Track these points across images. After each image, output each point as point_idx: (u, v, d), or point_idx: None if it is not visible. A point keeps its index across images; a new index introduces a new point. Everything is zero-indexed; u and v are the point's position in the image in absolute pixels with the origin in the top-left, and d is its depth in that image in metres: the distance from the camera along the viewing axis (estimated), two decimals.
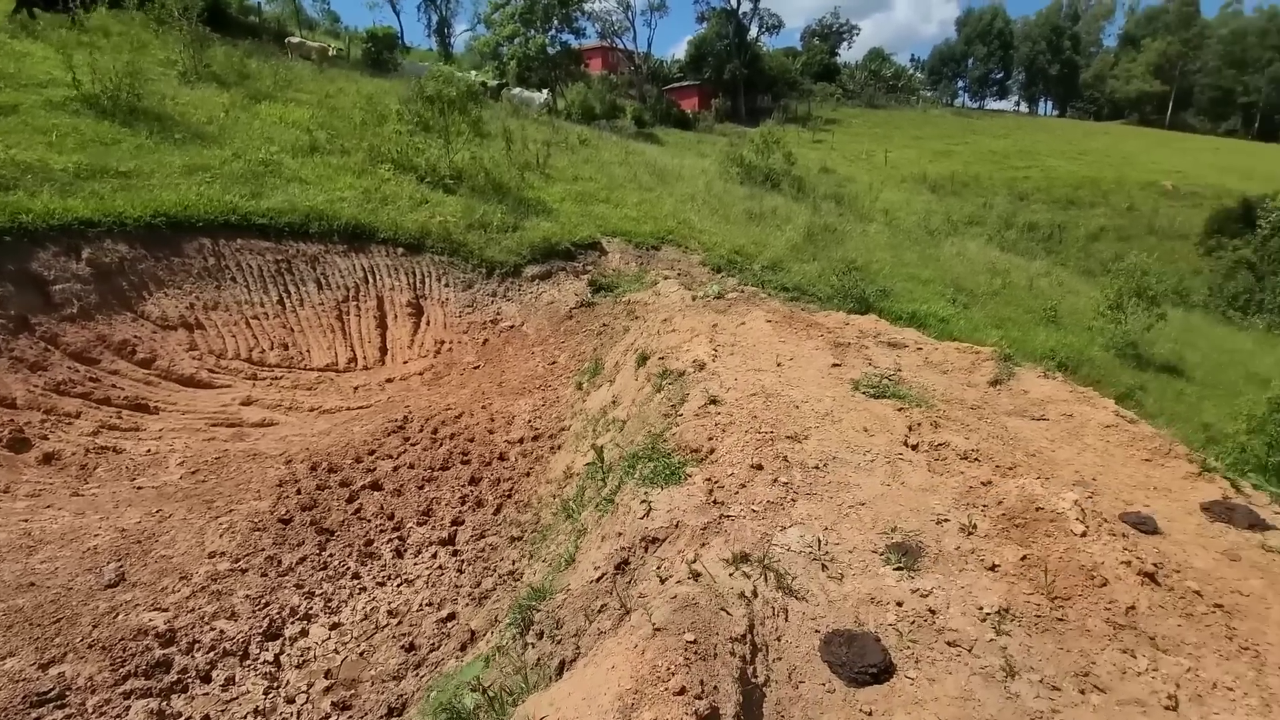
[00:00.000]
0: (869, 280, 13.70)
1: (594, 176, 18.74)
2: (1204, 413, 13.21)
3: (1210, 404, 13.90)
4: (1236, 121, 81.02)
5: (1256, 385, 15.16)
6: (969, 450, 3.63)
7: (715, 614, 2.21)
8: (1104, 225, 34.37)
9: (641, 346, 7.86)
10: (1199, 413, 13.26)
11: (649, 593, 2.63)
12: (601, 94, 38.37)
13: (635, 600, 2.64)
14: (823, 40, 75.23)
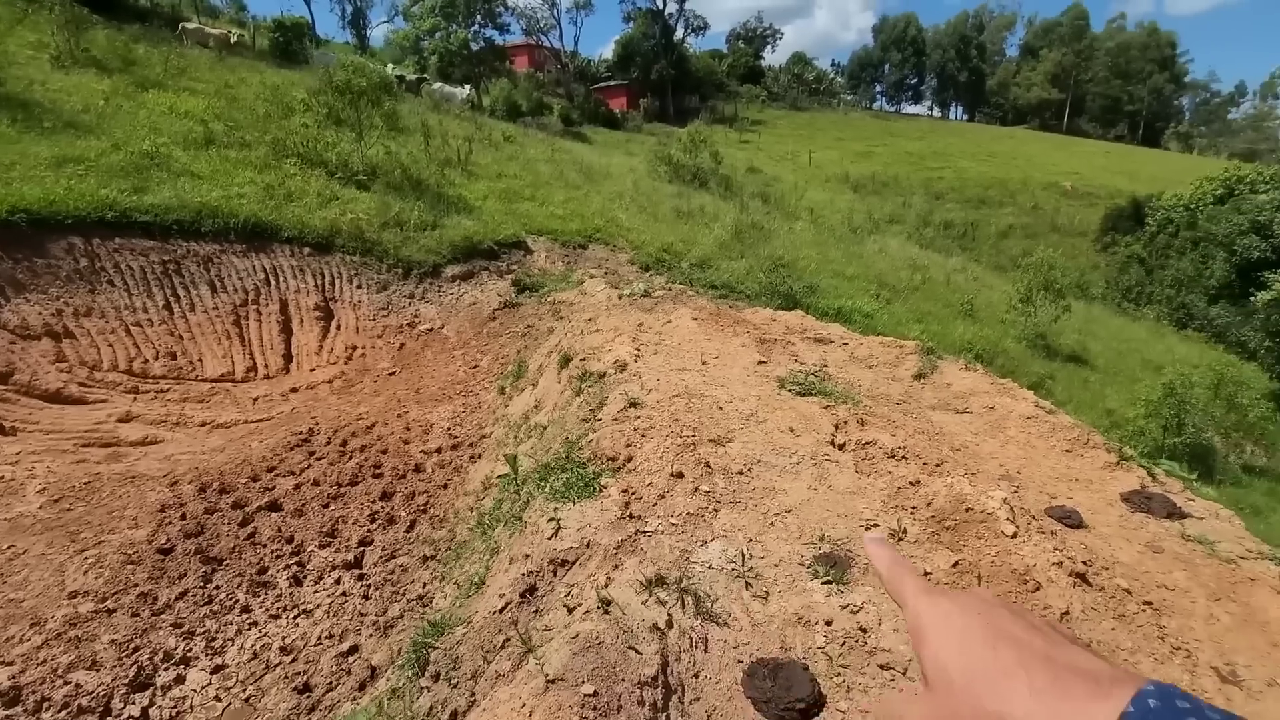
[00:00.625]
0: (796, 277, 13.80)
1: (519, 174, 18.23)
2: (1107, 399, 13.96)
3: (1112, 390, 14.72)
4: (1124, 128, 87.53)
5: (1151, 372, 16.21)
6: (896, 448, 3.49)
7: (622, 655, 1.92)
8: (1012, 223, 36.26)
9: (565, 347, 7.53)
10: (1102, 399, 14.01)
11: (555, 625, 2.33)
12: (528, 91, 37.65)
13: (540, 634, 2.32)
14: (747, 43, 76.60)
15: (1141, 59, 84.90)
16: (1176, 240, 25.39)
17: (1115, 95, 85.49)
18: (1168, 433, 11.60)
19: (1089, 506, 3.32)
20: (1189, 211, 25.99)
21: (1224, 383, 12.70)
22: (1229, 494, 11.21)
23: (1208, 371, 12.88)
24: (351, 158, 13.77)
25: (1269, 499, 11.69)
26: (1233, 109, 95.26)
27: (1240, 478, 12.48)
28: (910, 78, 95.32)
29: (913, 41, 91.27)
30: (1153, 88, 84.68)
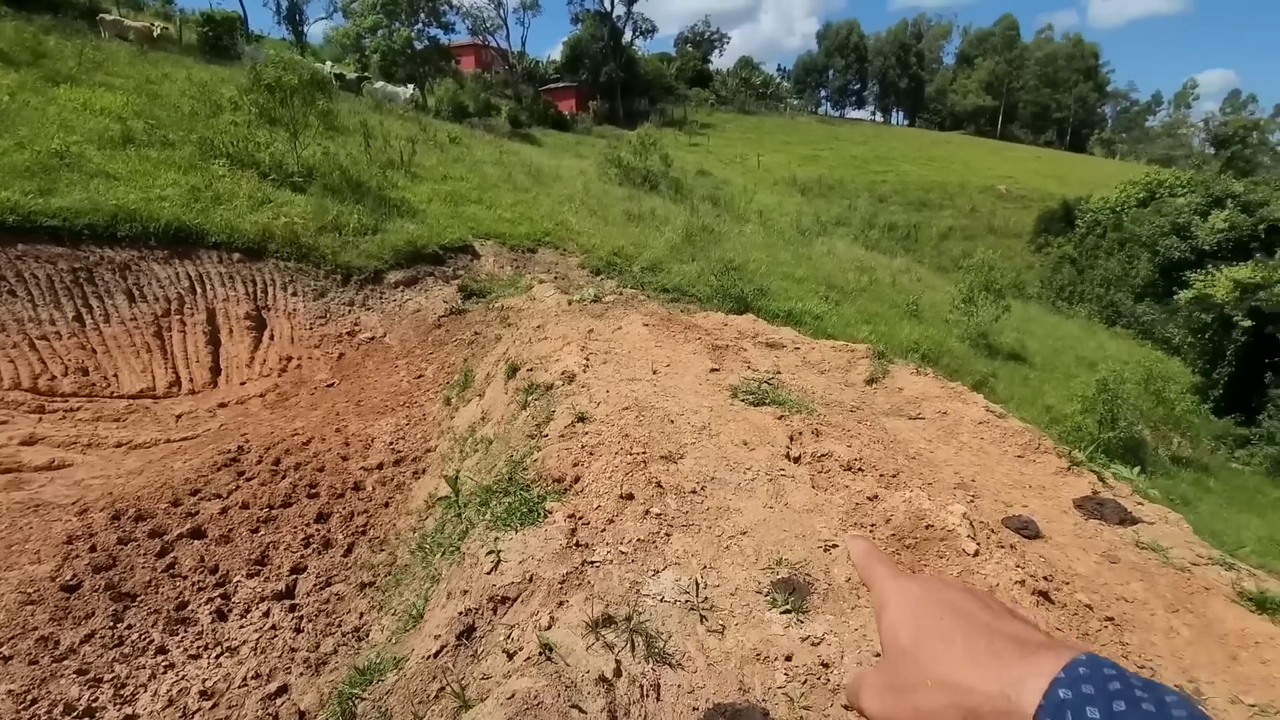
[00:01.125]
0: (747, 280, 13.81)
1: (465, 176, 17.78)
2: (1045, 395, 14.43)
3: (1049, 387, 15.24)
4: (1053, 134, 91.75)
5: (1085, 368, 16.86)
6: (852, 460, 3.38)
7: (564, 717, 1.72)
8: (952, 225, 37.45)
9: (513, 356, 7.27)
10: (1041, 396, 14.47)
11: (494, 672, 2.11)
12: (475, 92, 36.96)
13: (477, 684, 2.11)
14: (695, 47, 77.22)
15: (1068, 68, 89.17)
16: (1104, 241, 26.61)
17: (1044, 103, 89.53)
18: (1103, 427, 12.04)
19: (1044, 514, 3.28)
20: (1115, 214, 27.28)
21: (1152, 378, 13.27)
22: (1161, 485, 11.69)
23: (1137, 367, 13.44)
24: (286, 158, 13.15)
25: (1195, 489, 12.25)
26: (1150, 117, 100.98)
27: (1169, 469, 13.06)
28: (854, 83, 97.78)
29: (855, 48, 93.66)
30: (1078, 96, 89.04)
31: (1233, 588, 2.70)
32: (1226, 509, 11.39)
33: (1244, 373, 15.99)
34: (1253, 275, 15.78)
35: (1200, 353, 17.43)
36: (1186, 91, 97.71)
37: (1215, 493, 12.45)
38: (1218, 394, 16.25)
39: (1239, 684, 2.18)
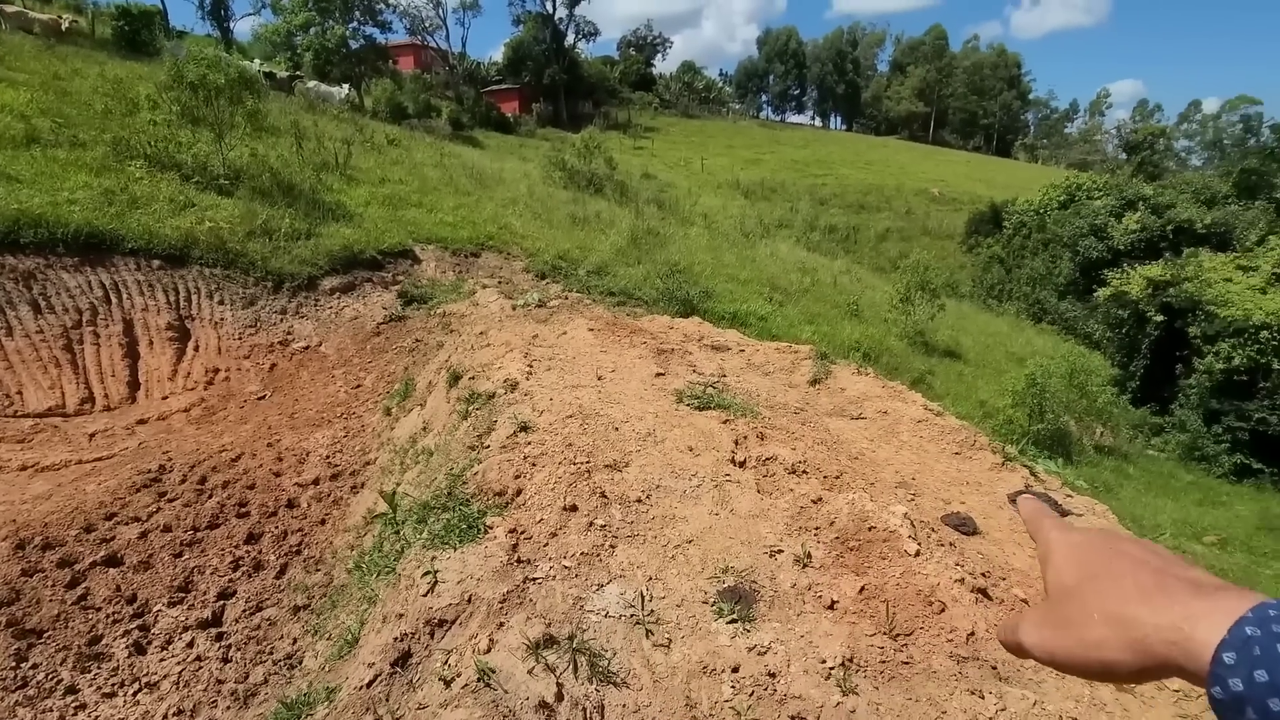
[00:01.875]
0: (692, 282, 13.89)
1: (405, 179, 17.32)
2: (979, 390, 15.00)
3: (983, 382, 15.85)
4: (980, 139, 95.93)
5: (1014, 363, 17.62)
6: (796, 463, 3.39)
7: None
8: (889, 227, 38.67)
9: (455, 364, 7.08)
10: (975, 390, 15.04)
11: (430, 701, 2.01)
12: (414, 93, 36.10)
13: (413, 714, 1.99)
14: (639, 51, 77.57)
15: (993, 77, 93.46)
16: (1029, 242, 27.94)
17: (972, 110, 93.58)
18: (1033, 420, 12.58)
19: (981, 510, 3.35)
20: (1038, 216, 28.68)
21: (1076, 372, 13.97)
22: (1086, 473, 12.29)
23: (1062, 362, 14.12)
24: (211, 160, 12.52)
25: (1117, 476, 12.94)
26: (1068, 124, 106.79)
27: (1093, 457, 13.76)
28: (793, 89, 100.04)
29: (794, 54, 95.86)
30: (1003, 104, 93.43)
31: None
32: (1145, 494, 12.08)
33: (1157, 365, 17.02)
34: (1163, 273, 16.82)
35: (1118, 347, 18.46)
36: (1100, 100, 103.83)
37: (1135, 479, 13.18)
38: (1135, 385, 17.24)
39: None
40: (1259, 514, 11.18)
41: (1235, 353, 14.67)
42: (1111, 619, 0.47)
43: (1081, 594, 0.51)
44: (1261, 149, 18.83)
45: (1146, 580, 0.48)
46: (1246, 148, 20.82)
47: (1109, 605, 0.48)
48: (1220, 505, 12.18)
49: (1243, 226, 18.70)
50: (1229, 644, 0.40)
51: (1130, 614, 0.46)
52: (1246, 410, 14.59)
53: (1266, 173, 18.39)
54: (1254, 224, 18.41)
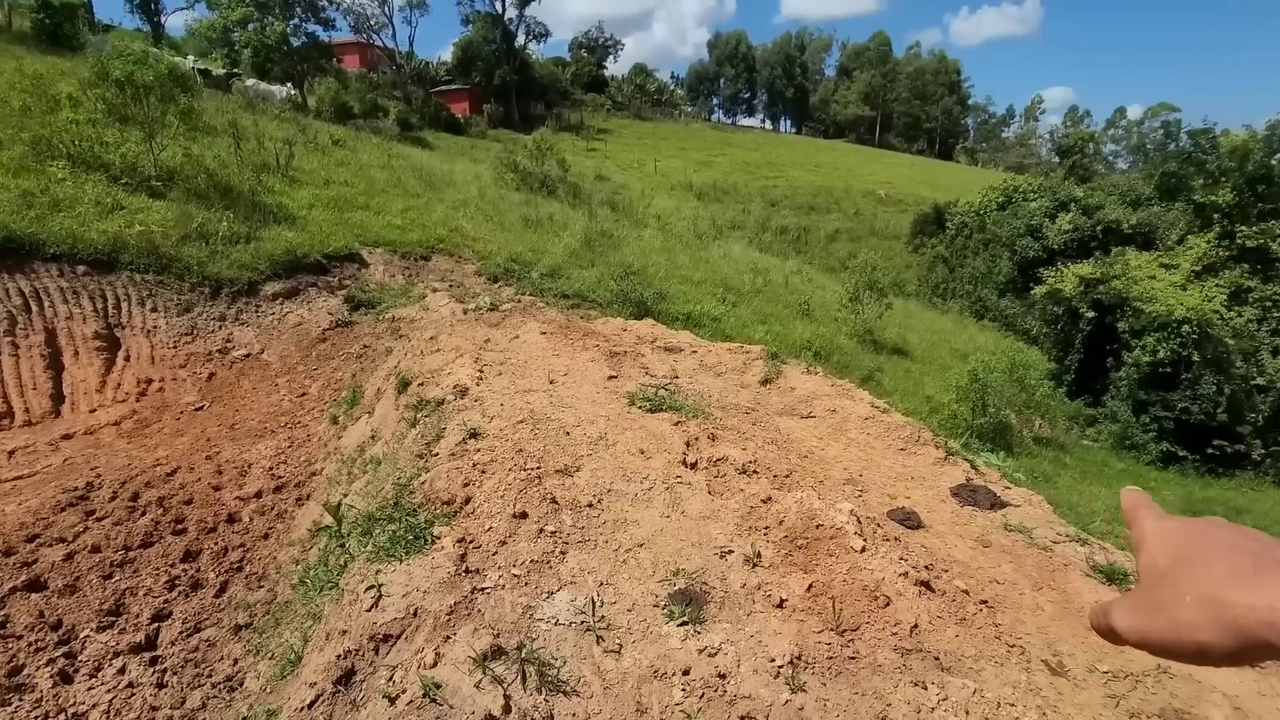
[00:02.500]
0: (646, 284, 13.93)
1: (351, 181, 16.87)
2: (925, 386, 15.47)
3: (929, 378, 16.35)
4: (924, 143, 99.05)
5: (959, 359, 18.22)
6: (747, 463, 3.42)
7: None
8: (838, 228, 39.54)
9: (404, 370, 6.93)
10: (922, 386, 15.50)
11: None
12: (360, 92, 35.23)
13: None
14: (590, 52, 77.47)
15: (934, 83, 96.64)
16: (971, 242, 28.97)
17: (916, 114, 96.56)
18: (975, 414, 13.03)
19: (925, 504, 3.45)
20: (978, 217, 29.77)
21: (1015, 367, 14.53)
22: (1026, 464, 12.80)
23: (1002, 357, 14.67)
24: (141, 161, 11.95)
25: (1054, 466, 13.51)
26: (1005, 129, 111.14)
27: (1033, 449, 14.34)
28: (744, 92, 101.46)
29: (744, 58, 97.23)
30: (944, 108, 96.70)
31: (1086, 562, 2.95)
32: (1081, 482, 12.64)
33: (1090, 359, 17.86)
34: (1094, 272, 17.67)
35: (1054, 341, 19.30)
36: (1034, 106, 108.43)
37: (1071, 468, 13.79)
38: (1070, 379, 18.05)
39: (1095, 652, 2.36)
40: (1183, 498, 11.85)
41: (1160, 346, 15.51)
42: (1204, 601, 0.47)
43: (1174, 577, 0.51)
44: (1180, 154, 19.96)
45: (1241, 562, 0.48)
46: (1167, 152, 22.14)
47: (1201, 587, 0.48)
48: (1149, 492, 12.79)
49: (1164, 227, 19.80)
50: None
51: (1223, 595, 0.46)
52: (1171, 400, 15.44)
53: (1185, 176, 19.51)
54: (1174, 224, 19.50)
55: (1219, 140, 18.10)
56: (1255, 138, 17.24)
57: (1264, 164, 16.40)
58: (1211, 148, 18.26)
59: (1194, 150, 19.16)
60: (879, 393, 14.96)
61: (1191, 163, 19.24)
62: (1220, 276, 16.51)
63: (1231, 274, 16.39)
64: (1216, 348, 15.26)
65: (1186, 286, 16.37)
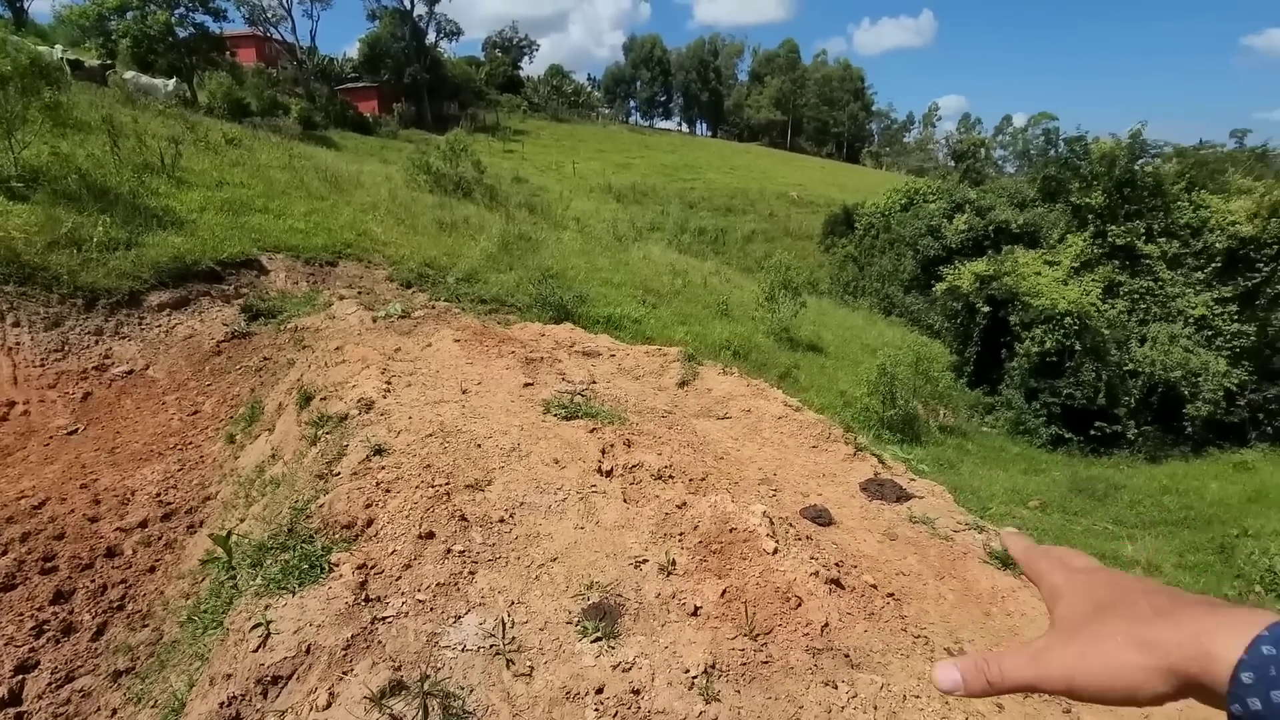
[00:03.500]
0: (566, 287, 13.80)
1: (247, 182, 15.83)
2: (839, 381, 16.07)
3: (842, 373, 17.00)
4: (832, 147, 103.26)
5: (869, 354, 19.05)
6: (662, 468, 3.40)
7: None
8: (754, 229, 40.59)
9: (307, 383, 6.54)
10: (836, 381, 16.10)
11: None
12: (258, 88, 33.24)
13: None
14: (505, 52, 76.27)
15: (840, 89, 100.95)
16: (878, 242, 30.38)
17: (824, 119, 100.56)
18: (885, 406, 13.64)
19: (836, 500, 3.53)
20: (884, 217, 31.26)
21: (920, 360, 15.32)
22: (932, 452, 13.52)
23: (908, 351, 15.44)
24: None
25: (958, 453, 14.33)
26: (906, 134, 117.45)
27: (938, 437, 15.16)
28: (660, 95, 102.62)
29: (659, 61, 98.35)
30: (850, 114, 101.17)
31: (984, 549, 3.09)
32: (981, 468, 13.46)
33: (987, 350, 19.08)
34: (987, 269, 18.89)
35: (954, 335, 20.50)
36: (931, 113, 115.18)
37: (973, 454, 14.67)
38: (969, 369, 19.22)
39: (993, 637, 2.47)
40: (1070, 478, 12.83)
41: (1046, 338, 16.75)
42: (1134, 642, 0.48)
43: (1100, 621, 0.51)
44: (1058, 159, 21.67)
45: (1161, 602, 0.49)
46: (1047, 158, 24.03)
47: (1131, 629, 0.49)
48: (1041, 473, 13.84)
49: (1047, 226, 21.40)
50: (1247, 663, 0.41)
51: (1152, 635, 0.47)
52: (1057, 387, 16.70)
53: (1063, 179, 21.17)
54: (1055, 224, 21.12)
55: (1090, 147, 19.74)
56: (1120, 145, 18.93)
57: (1128, 169, 18.07)
58: (1085, 154, 19.91)
59: (1070, 156, 20.83)
60: (795, 389, 15.43)
61: (1068, 168, 20.91)
62: (1095, 272, 18.02)
63: (1104, 270, 17.92)
64: (1094, 338, 16.64)
65: (1068, 282, 17.78)
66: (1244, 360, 16.35)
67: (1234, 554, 8.56)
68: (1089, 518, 10.73)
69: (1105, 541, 9.49)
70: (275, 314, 10.26)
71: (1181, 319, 17.19)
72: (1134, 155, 18.68)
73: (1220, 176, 18.77)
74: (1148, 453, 16.05)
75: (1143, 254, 17.92)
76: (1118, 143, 19.13)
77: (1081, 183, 19.45)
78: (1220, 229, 17.20)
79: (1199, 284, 17.19)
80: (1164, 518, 10.67)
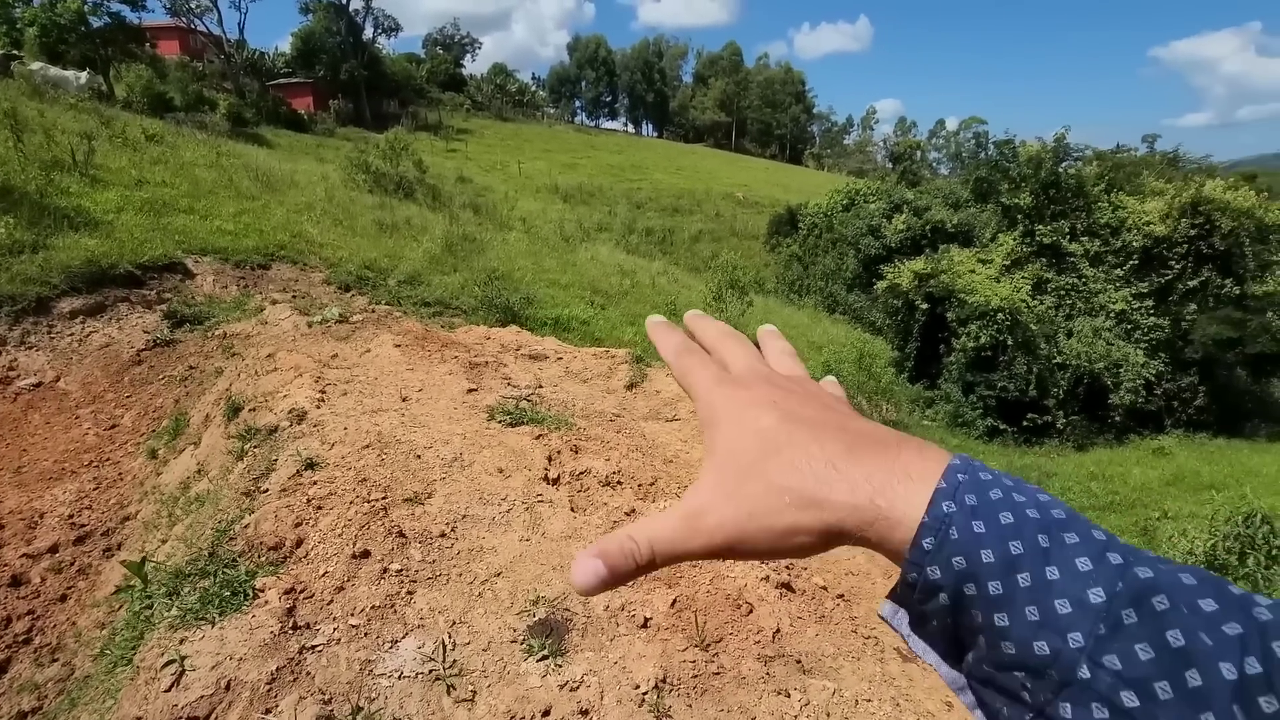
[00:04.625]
0: (513, 288, 13.56)
1: (170, 181, 15.00)
2: None
3: None
4: (776, 148, 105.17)
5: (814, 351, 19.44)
6: (610, 474, 3.33)
7: None
8: (701, 229, 40.89)
9: (236, 393, 6.20)
10: None
11: None
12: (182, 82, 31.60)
13: None
14: (446, 50, 74.78)
15: (782, 92, 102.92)
16: (821, 241, 31.04)
17: (767, 121, 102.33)
18: None
19: None
20: (826, 217, 31.96)
21: (863, 356, 15.70)
22: None
23: (851, 348, 15.80)
24: None
25: None
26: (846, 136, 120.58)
27: None
28: (605, 95, 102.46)
29: (604, 62, 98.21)
30: (792, 116, 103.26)
31: None
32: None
33: (926, 346, 19.70)
34: (925, 267, 19.51)
35: (895, 331, 21.11)
36: (869, 116, 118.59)
37: None
38: (910, 365, 19.82)
39: None
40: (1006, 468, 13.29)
41: (981, 333, 17.42)
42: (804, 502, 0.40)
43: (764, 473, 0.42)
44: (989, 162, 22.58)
45: (836, 449, 0.41)
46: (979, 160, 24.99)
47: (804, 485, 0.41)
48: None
49: (979, 226, 22.29)
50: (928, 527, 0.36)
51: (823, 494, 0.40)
52: (992, 381, 17.38)
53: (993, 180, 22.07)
54: (987, 224, 22.00)
55: (1019, 150, 20.65)
56: (1045, 148, 19.85)
57: (1053, 171, 18.97)
58: (1013, 157, 20.81)
59: (1000, 158, 21.73)
60: None
61: (999, 170, 21.81)
62: (1025, 270, 18.84)
63: (1033, 267, 18.76)
64: (1025, 332, 17.38)
65: (1000, 279, 18.53)
66: (1160, 352, 17.37)
67: (1155, 535, 9.05)
68: None
69: None
70: (202, 320, 9.71)
71: (1104, 313, 18.13)
72: (1058, 158, 19.62)
73: (1135, 179, 19.90)
74: (1075, 441, 16.86)
75: (1067, 252, 18.83)
76: (1043, 146, 20.06)
77: (1011, 184, 20.30)
78: (1136, 228, 18.23)
79: (1119, 280, 18.17)
80: (1092, 503, 11.20)
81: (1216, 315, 17.34)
